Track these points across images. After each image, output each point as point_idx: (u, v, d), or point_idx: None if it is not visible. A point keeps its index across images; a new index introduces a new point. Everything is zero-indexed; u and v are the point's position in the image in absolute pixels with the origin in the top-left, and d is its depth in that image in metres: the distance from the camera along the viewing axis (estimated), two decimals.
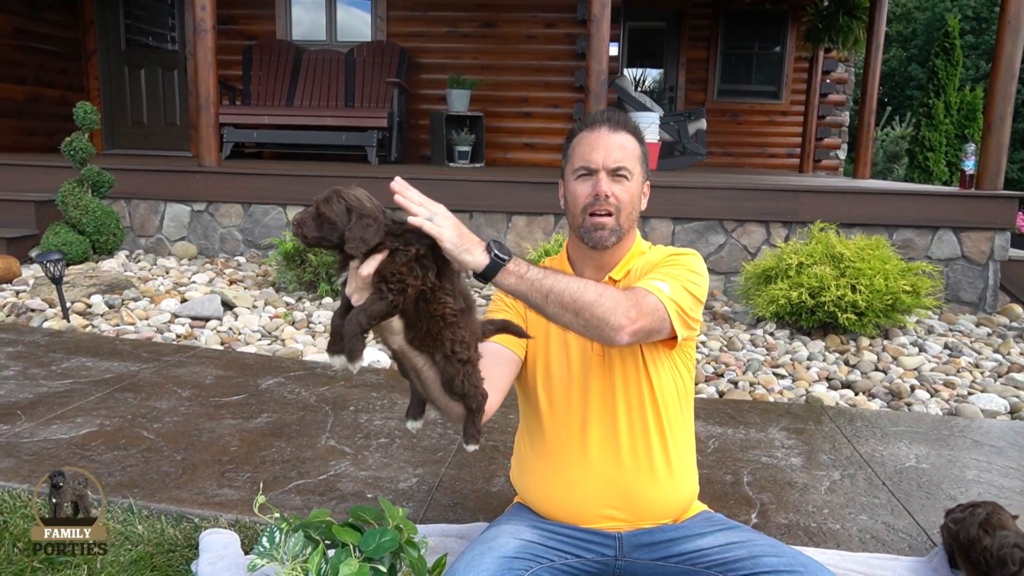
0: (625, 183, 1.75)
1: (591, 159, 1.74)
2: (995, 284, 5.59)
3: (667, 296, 1.65)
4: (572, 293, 1.52)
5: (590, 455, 1.79)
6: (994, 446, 3.17)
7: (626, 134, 1.77)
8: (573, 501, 1.79)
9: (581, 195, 1.76)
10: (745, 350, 4.33)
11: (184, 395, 3.27)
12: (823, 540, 2.33)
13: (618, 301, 1.55)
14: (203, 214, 6.10)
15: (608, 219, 1.74)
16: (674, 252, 1.83)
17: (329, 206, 1.38)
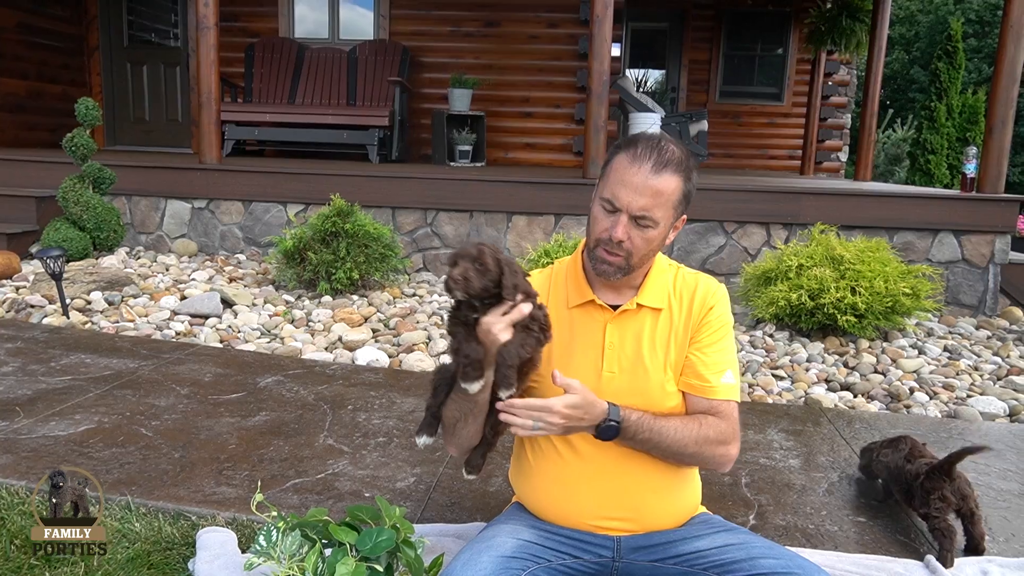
0: (647, 231, 1.68)
1: (619, 196, 1.67)
2: (995, 287, 5.59)
3: (736, 387, 1.78)
4: (672, 445, 1.70)
5: (591, 463, 1.77)
6: (993, 449, 3.17)
7: (670, 175, 1.67)
8: (572, 508, 1.79)
9: (599, 226, 1.71)
10: (744, 352, 4.32)
11: (183, 393, 3.27)
12: (820, 542, 2.33)
13: (711, 442, 1.72)
14: (204, 211, 6.10)
15: (616, 259, 1.70)
16: (716, 309, 1.79)
17: (485, 258, 1.56)
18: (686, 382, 1.78)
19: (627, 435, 1.67)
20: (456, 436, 1.80)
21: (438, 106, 8.60)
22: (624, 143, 1.74)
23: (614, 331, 1.78)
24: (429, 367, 3.87)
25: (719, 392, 1.75)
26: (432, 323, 4.54)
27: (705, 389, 1.75)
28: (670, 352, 1.77)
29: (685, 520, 1.84)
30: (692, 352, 1.77)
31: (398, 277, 5.45)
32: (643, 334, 1.78)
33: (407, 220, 5.95)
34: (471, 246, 1.58)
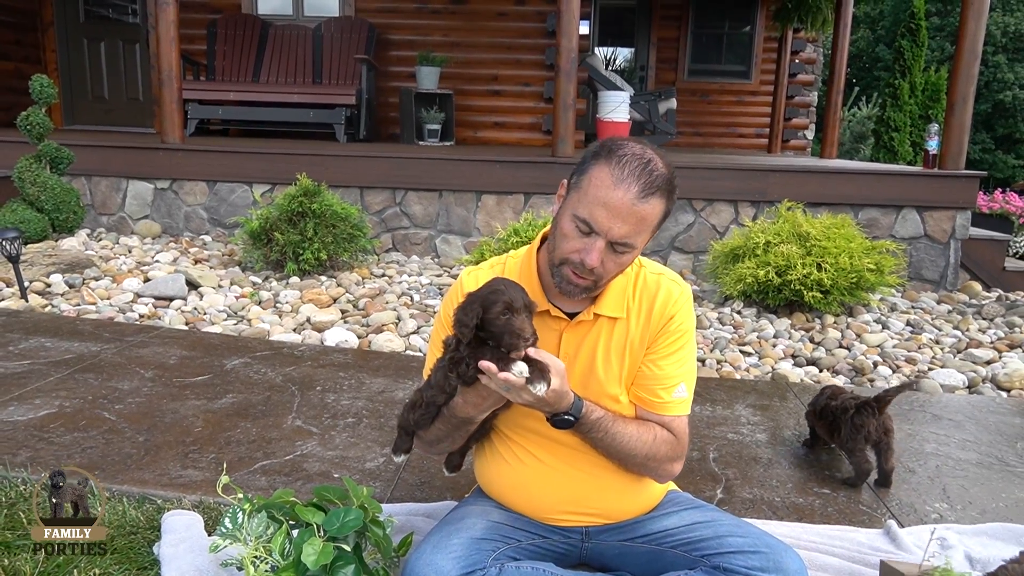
0: (622, 256, 1.57)
1: (599, 220, 1.50)
2: (956, 262, 5.70)
3: (687, 402, 1.74)
4: (622, 452, 1.67)
5: (555, 464, 1.74)
6: (952, 420, 3.24)
7: (657, 200, 1.51)
8: (536, 509, 1.78)
9: (569, 245, 1.56)
10: (713, 328, 4.36)
11: (147, 376, 3.22)
12: (786, 514, 2.36)
13: (660, 458, 1.69)
14: (167, 192, 5.98)
15: (583, 282, 1.59)
16: (677, 319, 1.70)
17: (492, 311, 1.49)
18: (637, 394, 1.72)
19: (580, 431, 1.63)
20: (436, 448, 1.79)
21: (406, 84, 8.50)
22: (607, 153, 1.54)
23: (569, 341, 1.71)
24: (399, 347, 3.85)
25: (670, 408, 1.70)
26: (402, 303, 4.51)
27: (656, 405, 1.70)
28: (624, 363, 1.70)
29: (653, 507, 1.83)
30: (647, 363, 1.70)
31: (367, 257, 5.40)
32: (599, 344, 1.70)
33: (375, 200, 5.89)
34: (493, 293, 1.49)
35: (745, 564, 1.61)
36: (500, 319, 1.45)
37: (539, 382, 1.45)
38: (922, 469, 2.74)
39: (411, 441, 1.78)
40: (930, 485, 2.62)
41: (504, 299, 1.46)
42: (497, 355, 1.47)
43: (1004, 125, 23.82)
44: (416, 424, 1.73)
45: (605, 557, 1.82)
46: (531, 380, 1.45)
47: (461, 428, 1.71)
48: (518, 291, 1.50)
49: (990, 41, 23.39)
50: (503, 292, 1.48)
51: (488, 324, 1.47)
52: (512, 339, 1.45)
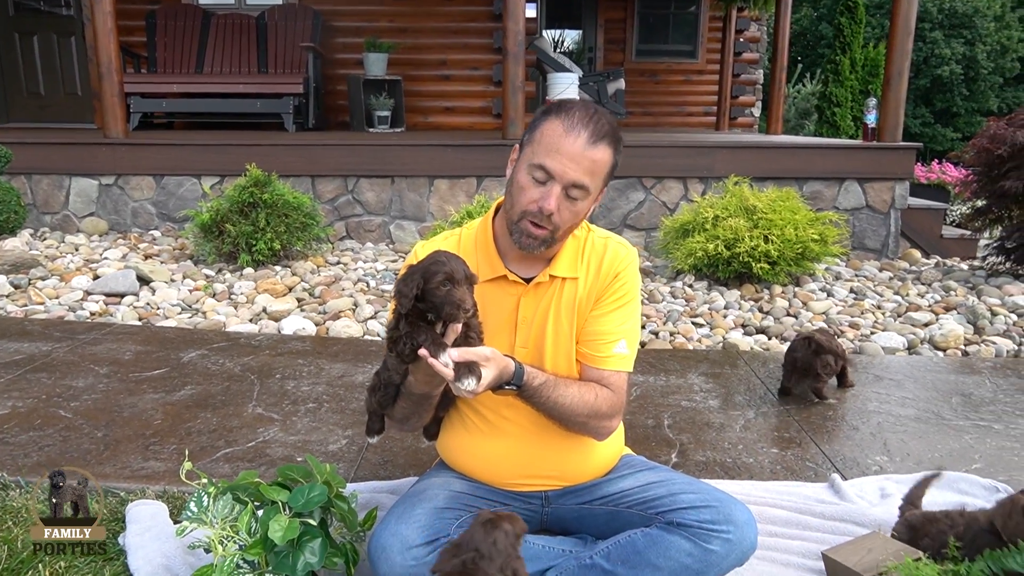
0: (577, 203, 1.63)
1: (554, 167, 1.58)
2: (896, 231, 5.91)
3: (628, 358, 1.77)
4: (564, 415, 1.70)
5: (512, 431, 1.79)
6: (892, 379, 3.39)
7: (606, 147, 1.61)
8: (495, 476, 1.83)
9: (527, 196, 1.62)
10: (665, 302, 4.47)
11: (102, 372, 3.19)
12: (738, 473, 2.47)
13: (601, 416, 1.72)
14: (112, 188, 5.86)
15: (543, 232, 1.64)
16: (622, 276, 1.76)
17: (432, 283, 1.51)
18: (579, 350, 1.77)
19: (524, 397, 1.66)
20: (408, 425, 1.83)
21: (353, 72, 8.43)
22: (556, 109, 1.64)
23: (527, 305, 1.76)
24: (357, 333, 3.87)
25: (610, 363, 1.74)
26: (358, 290, 4.52)
27: (597, 359, 1.75)
28: (574, 322, 1.76)
29: (609, 470, 1.90)
30: (590, 319, 1.76)
31: (321, 246, 5.38)
32: (553, 305, 1.76)
33: (327, 188, 5.86)
34: (434, 263, 1.51)
35: (697, 518, 1.70)
36: (440, 290, 1.49)
37: (467, 377, 1.48)
38: (865, 426, 2.87)
39: (382, 422, 1.82)
40: (872, 440, 2.75)
41: (445, 270, 1.49)
42: (433, 337, 1.50)
43: (942, 99, 24.56)
44: (379, 405, 1.77)
45: (565, 520, 1.88)
46: (459, 376, 1.48)
47: (423, 404, 1.75)
48: (459, 263, 1.53)
49: (927, 18, 24.06)
50: (444, 263, 1.51)
51: (429, 295, 1.50)
52: (452, 310, 1.49)
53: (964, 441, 2.75)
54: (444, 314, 1.50)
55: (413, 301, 1.50)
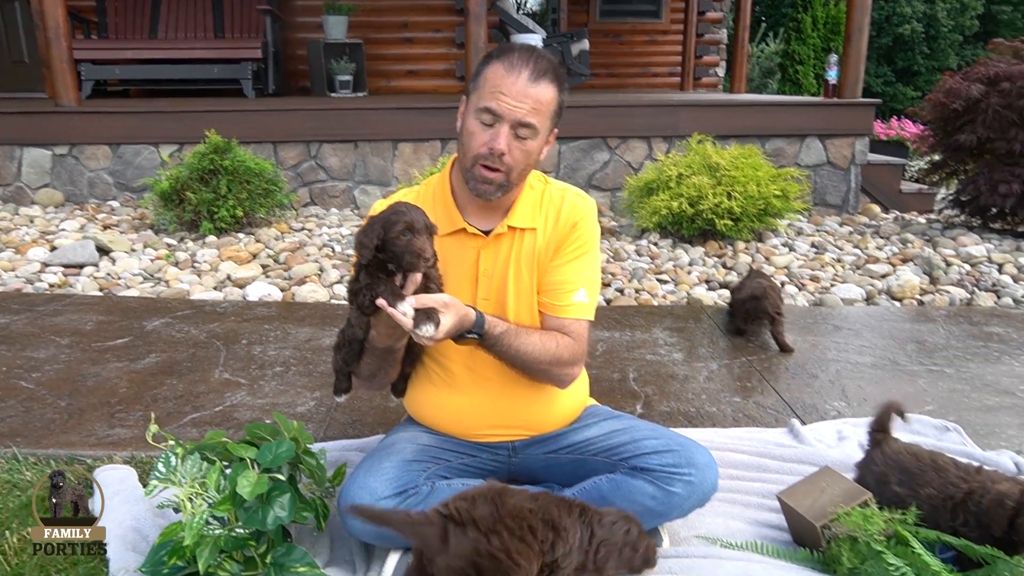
0: (527, 142, 1.63)
1: (499, 107, 1.59)
2: (856, 187, 6.00)
3: (588, 307, 1.80)
4: (527, 362, 1.71)
5: (479, 383, 1.81)
6: (851, 329, 3.48)
7: (547, 84, 1.62)
8: (464, 425, 1.85)
9: (477, 141, 1.63)
10: (631, 260, 4.51)
11: (63, 343, 3.14)
12: (701, 422, 2.53)
13: (563, 364, 1.74)
14: (67, 158, 5.71)
15: (497, 175, 1.64)
16: (580, 227, 1.77)
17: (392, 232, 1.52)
18: (541, 300, 1.79)
19: (485, 346, 1.67)
20: (376, 383, 1.84)
21: (313, 35, 8.26)
22: (496, 52, 1.66)
23: (487, 257, 1.77)
24: (323, 298, 3.85)
25: (570, 311, 1.76)
26: (323, 255, 4.49)
27: (557, 308, 1.77)
28: (534, 272, 1.77)
29: (574, 419, 1.93)
30: (550, 268, 1.77)
31: (285, 213, 5.32)
32: (512, 256, 1.77)
33: (290, 154, 5.78)
34: (394, 213, 1.52)
35: (660, 462, 1.75)
36: (401, 239, 1.49)
37: (425, 323, 1.49)
38: (824, 374, 2.95)
39: (349, 381, 1.83)
40: (830, 387, 2.83)
41: (405, 220, 1.50)
42: (391, 288, 1.51)
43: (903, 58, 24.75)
44: (345, 362, 1.78)
45: (533, 470, 1.92)
46: (417, 323, 1.48)
47: (387, 358, 1.76)
48: (419, 213, 1.54)
49: None
50: (404, 213, 1.52)
51: (389, 245, 1.50)
52: (412, 259, 1.50)
53: (918, 385, 2.85)
54: (404, 263, 1.50)
55: (374, 252, 1.50)
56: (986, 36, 22.33)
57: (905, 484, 1.80)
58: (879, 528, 1.71)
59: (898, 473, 1.82)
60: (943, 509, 1.72)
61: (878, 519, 1.73)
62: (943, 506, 1.72)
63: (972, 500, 1.69)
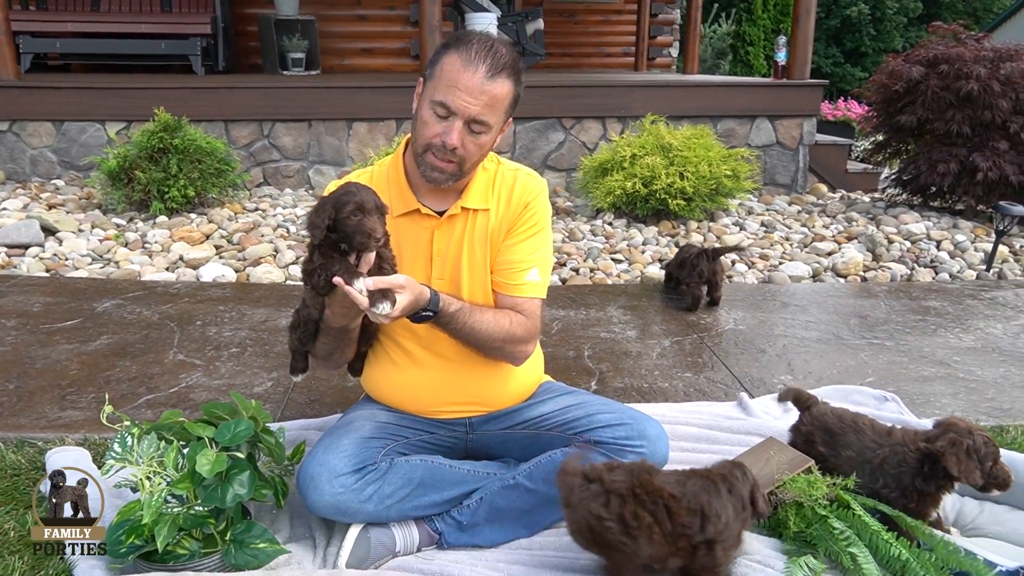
0: (480, 136, 1.65)
1: (453, 103, 1.60)
2: (805, 167, 6.15)
3: (540, 285, 1.83)
4: (481, 339, 1.74)
5: (435, 361, 1.84)
6: (798, 305, 3.60)
7: (504, 80, 1.62)
8: (422, 402, 1.87)
9: (430, 131, 1.64)
10: (586, 240, 4.57)
11: (9, 325, 3.07)
12: (654, 397, 2.60)
13: (516, 341, 1.77)
14: (7, 135, 5.52)
15: (448, 166, 1.66)
16: (532, 207, 1.79)
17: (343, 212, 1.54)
18: (494, 279, 1.82)
19: (440, 323, 1.70)
20: (332, 362, 1.85)
21: (264, 11, 8.07)
22: (454, 42, 1.65)
23: (441, 237, 1.79)
24: (279, 279, 3.83)
25: (524, 290, 1.79)
26: (278, 235, 4.45)
27: (510, 287, 1.80)
28: (488, 252, 1.80)
29: (530, 395, 1.97)
30: (503, 248, 1.80)
31: (237, 193, 5.24)
32: (467, 237, 1.79)
33: (242, 133, 5.68)
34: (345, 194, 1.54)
35: (613, 435, 1.80)
36: (352, 219, 1.51)
37: (381, 302, 1.50)
38: (771, 349, 3.05)
39: (305, 360, 1.84)
40: (777, 361, 2.93)
41: (355, 200, 1.52)
42: (346, 266, 1.52)
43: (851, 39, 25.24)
44: (300, 343, 1.79)
45: (489, 446, 1.95)
46: (373, 301, 1.50)
47: (342, 338, 1.77)
48: (369, 193, 1.56)
49: None
50: (354, 194, 1.53)
51: (340, 225, 1.52)
52: (363, 239, 1.51)
53: (860, 358, 2.97)
54: (355, 243, 1.52)
55: (325, 232, 1.52)
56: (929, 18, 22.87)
57: (828, 444, 1.92)
58: (823, 493, 1.80)
59: (822, 434, 1.94)
60: (861, 472, 1.83)
61: (821, 485, 1.82)
62: (860, 469, 1.83)
63: (888, 463, 1.79)
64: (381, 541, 1.74)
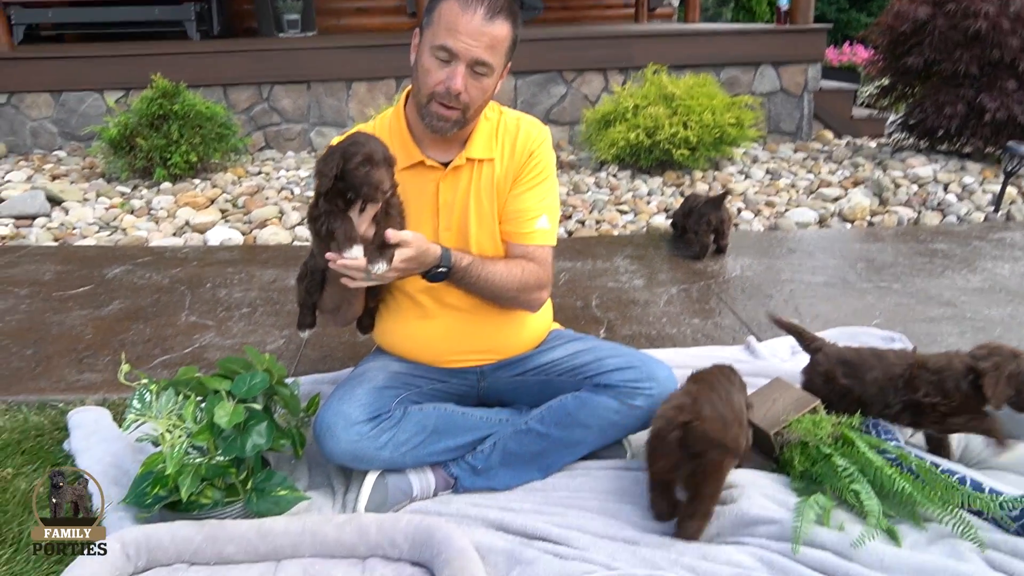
0: (483, 79, 1.64)
1: (455, 45, 1.59)
2: (809, 114, 6.08)
3: (550, 232, 1.85)
4: (495, 291, 1.77)
5: (446, 311, 1.85)
6: (805, 251, 3.60)
7: (503, 21, 1.62)
8: (434, 352, 1.89)
9: (433, 78, 1.63)
10: (591, 192, 4.56)
11: (22, 293, 3.11)
12: (662, 343, 2.62)
13: (530, 289, 1.80)
14: (5, 107, 5.50)
15: (454, 112, 1.65)
16: (536, 155, 1.80)
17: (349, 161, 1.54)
18: (504, 229, 1.83)
19: (454, 279, 1.72)
20: (340, 317, 1.86)
21: None
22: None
23: (447, 189, 1.79)
24: (285, 240, 3.84)
25: (534, 238, 1.81)
26: (283, 198, 4.45)
27: (521, 236, 1.82)
28: (495, 202, 1.81)
29: (539, 343, 1.99)
30: (511, 198, 1.81)
31: (240, 157, 5.23)
32: (473, 187, 1.80)
33: (241, 97, 5.64)
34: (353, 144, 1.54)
35: (622, 378, 1.83)
36: (360, 170, 1.52)
37: (377, 262, 1.52)
38: (778, 294, 3.07)
39: (312, 315, 1.85)
40: (784, 306, 2.94)
41: (364, 151, 1.52)
42: (346, 230, 1.53)
43: None
44: (307, 292, 1.80)
45: (501, 393, 1.98)
46: (371, 260, 1.52)
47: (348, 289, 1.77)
48: (378, 144, 1.56)
49: None
50: (363, 144, 1.54)
51: (348, 175, 1.53)
52: (370, 190, 1.52)
53: (866, 301, 2.98)
54: (362, 194, 1.53)
55: (333, 180, 1.53)
56: None
57: (850, 375, 1.94)
58: (827, 432, 1.83)
59: (842, 367, 1.96)
60: (890, 388, 1.87)
61: (826, 424, 1.85)
62: (890, 385, 1.87)
63: (930, 368, 1.85)
64: (398, 487, 1.78)
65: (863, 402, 1.90)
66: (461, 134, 1.76)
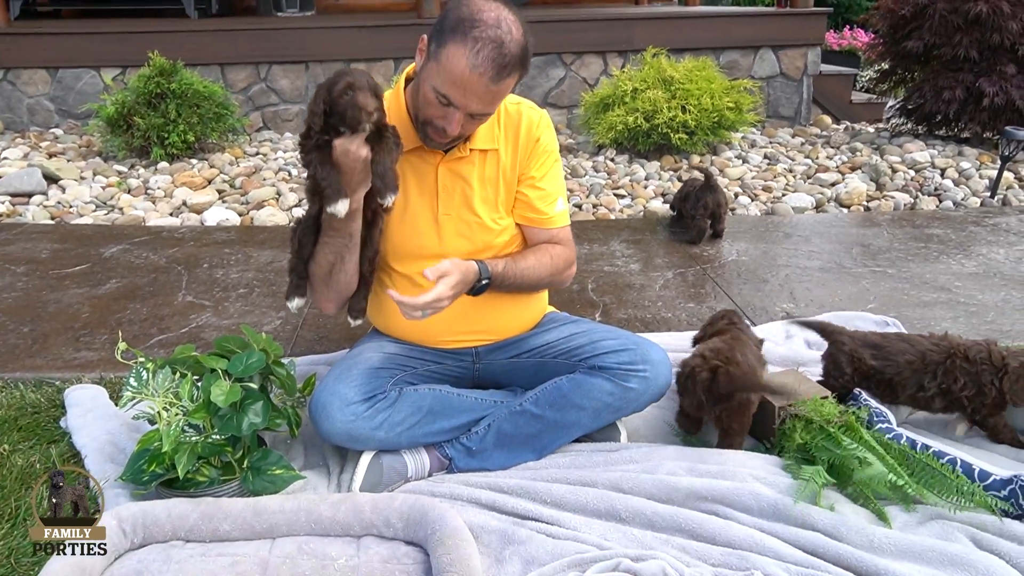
0: (480, 120, 1.70)
1: (457, 99, 1.58)
2: (809, 98, 6.07)
3: (566, 212, 1.94)
4: (532, 283, 1.87)
5: None
6: (801, 236, 3.61)
7: (510, 78, 1.61)
8: (429, 333, 1.90)
9: (431, 111, 1.64)
10: (588, 176, 4.55)
11: (19, 271, 3.11)
12: (657, 327, 2.64)
13: (561, 271, 1.91)
14: (2, 83, 5.47)
15: (446, 141, 1.71)
16: (543, 140, 1.84)
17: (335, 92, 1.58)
18: (524, 215, 1.87)
19: (496, 286, 1.78)
20: (334, 285, 1.80)
21: None
22: (462, 33, 1.55)
23: (446, 174, 1.80)
24: (282, 221, 3.84)
25: (556, 221, 1.90)
26: (280, 179, 4.44)
27: (544, 221, 1.88)
28: (500, 190, 1.84)
29: (535, 325, 2.01)
30: (525, 186, 1.85)
31: (237, 137, 5.20)
32: (473, 175, 1.81)
33: (239, 77, 5.62)
34: (337, 76, 1.58)
35: (617, 361, 1.84)
36: (344, 97, 1.54)
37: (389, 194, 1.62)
38: (774, 279, 3.08)
39: (304, 285, 1.83)
40: (780, 291, 2.96)
41: (347, 79, 1.56)
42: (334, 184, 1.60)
43: None
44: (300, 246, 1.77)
45: (496, 374, 2.00)
46: (383, 193, 1.62)
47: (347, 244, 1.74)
48: (362, 74, 1.59)
49: None
50: (347, 74, 1.58)
51: (335, 105, 1.55)
52: (355, 112, 1.54)
53: (861, 285, 2.99)
54: (348, 120, 1.55)
55: (323, 117, 1.56)
56: None
57: (879, 357, 1.97)
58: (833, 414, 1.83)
59: (869, 349, 1.99)
60: (923, 372, 1.91)
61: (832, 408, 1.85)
62: (924, 369, 1.91)
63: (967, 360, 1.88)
64: (393, 467, 1.79)
65: (892, 384, 1.93)
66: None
